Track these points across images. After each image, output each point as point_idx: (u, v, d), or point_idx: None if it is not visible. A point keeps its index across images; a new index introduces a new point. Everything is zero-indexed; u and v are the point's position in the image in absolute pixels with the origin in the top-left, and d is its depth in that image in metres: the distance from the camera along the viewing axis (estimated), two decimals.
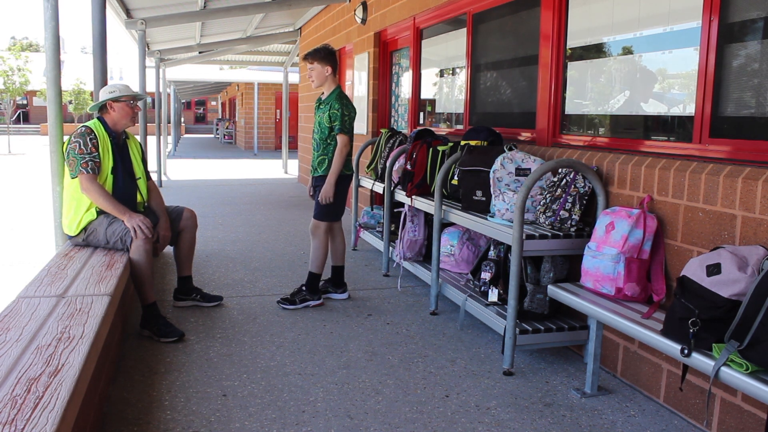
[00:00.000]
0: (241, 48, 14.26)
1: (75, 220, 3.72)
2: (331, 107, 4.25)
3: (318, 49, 4.33)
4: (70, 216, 3.74)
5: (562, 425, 2.78)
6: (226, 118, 35.50)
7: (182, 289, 4.31)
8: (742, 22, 2.76)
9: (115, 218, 3.68)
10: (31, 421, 1.70)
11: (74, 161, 3.56)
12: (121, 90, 3.78)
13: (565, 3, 3.94)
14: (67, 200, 3.75)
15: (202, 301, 4.32)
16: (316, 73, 4.31)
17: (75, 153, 3.55)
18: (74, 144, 3.57)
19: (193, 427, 2.67)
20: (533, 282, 3.49)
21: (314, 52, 4.32)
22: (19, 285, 4.04)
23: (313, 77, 4.34)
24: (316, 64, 4.29)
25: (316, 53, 4.31)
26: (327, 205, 4.33)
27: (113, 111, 3.75)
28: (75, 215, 3.71)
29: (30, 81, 27.55)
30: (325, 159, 4.35)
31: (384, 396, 3.02)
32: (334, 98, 4.28)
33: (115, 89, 3.77)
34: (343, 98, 4.30)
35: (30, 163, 19.09)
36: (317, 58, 4.29)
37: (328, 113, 4.26)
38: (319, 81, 4.35)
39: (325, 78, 4.33)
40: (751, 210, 2.52)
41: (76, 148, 3.56)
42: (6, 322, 2.48)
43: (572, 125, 3.98)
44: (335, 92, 4.32)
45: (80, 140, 3.57)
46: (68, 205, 3.73)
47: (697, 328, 2.22)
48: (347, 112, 4.25)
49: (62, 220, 3.84)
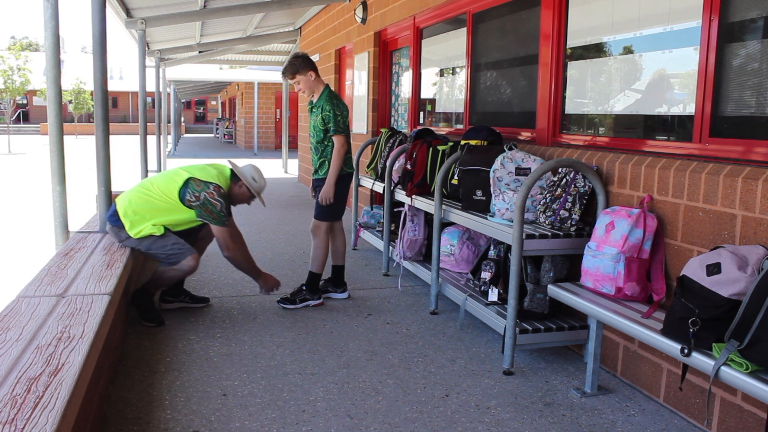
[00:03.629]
0: (241, 47, 14.26)
1: (140, 225, 3.85)
2: (323, 109, 4.26)
3: (292, 62, 4.31)
4: (137, 219, 3.85)
5: (562, 425, 2.78)
6: (226, 118, 35.49)
7: (171, 290, 4.27)
8: (742, 21, 2.76)
9: (175, 241, 3.88)
10: (31, 420, 1.70)
11: (217, 215, 3.87)
12: (258, 186, 4.12)
13: (565, 2, 3.93)
14: (144, 208, 3.86)
15: (190, 302, 4.32)
16: (303, 83, 4.31)
17: (217, 210, 3.86)
18: (216, 203, 3.86)
19: (194, 426, 2.67)
20: (533, 281, 3.49)
21: (291, 66, 4.30)
22: (19, 284, 4.04)
23: (302, 88, 4.33)
24: (299, 76, 4.28)
25: (294, 67, 4.28)
26: (327, 205, 4.33)
27: (239, 189, 4.08)
28: (142, 222, 3.85)
29: (30, 81, 27.56)
30: (325, 161, 4.36)
31: (384, 395, 3.02)
32: (324, 100, 4.29)
33: (257, 181, 4.12)
34: (333, 98, 4.30)
35: (30, 163, 19.09)
36: (298, 70, 4.27)
37: (320, 116, 4.27)
38: (308, 89, 4.35)
39: (312, 84, 4.33)
40: (751, 209, 2.52)
41: (218, 206, 3.86)
42: (6, 321, 2.48)
43: (572, 125, 3.97)
44: (325, 93, 4.33)
45: (222, 201, 3.88)
46: (143, 212, 3.85)
47: (697, 328, 2.22)
48: (339, 111, 4.26)
49: (127, 216, 3.87)
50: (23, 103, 43.90)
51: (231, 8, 8.92)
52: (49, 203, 4.38)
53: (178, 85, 25.80)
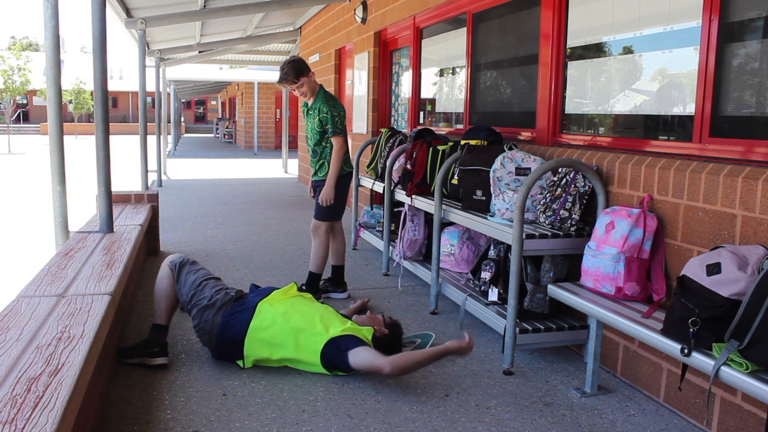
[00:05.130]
0: (241, 47, 14.25)
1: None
2: (320, 111, 4.25)
3: (293, 67, 4.21)
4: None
5: (562, 425, 2.78)
6: (226, 118, 35.49)
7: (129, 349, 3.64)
8: (742, 21, 2.76)
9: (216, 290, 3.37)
10: (31, 420, 1.69)
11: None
12: None
13: (565, 2, 3.93)
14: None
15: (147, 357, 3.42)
16: (307, 85, 4.25)
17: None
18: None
19: (194, 426, 2.67)
20: (533, 281, 3.49)
21: (293, 71, 4.19)
22: (19, 284, 4.04)
23: (305, 91, 4.27)
24: (303, 79, 4.22)
25: (295, 71, 4.19)
26: (328, 206, 4.34)
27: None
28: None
29: (30, 80, 27.57)
30: (324, 163, 4.36)
31: (384, 395, 3.01)
32: (321, 101, 4.28)
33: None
34: (329, 99, 4.30)
35: (30, 163, 19.09)
36: (301, 72, 4.21)
37: (318, 117, 4.26)
38: (311, 91, 4.30)
39: (314, 84, 4.31)
40: (751, 209, 2.52)
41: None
42: (6, 321, 2.48)
43: (572, 124, 3.97)
44: (320, 94, 4.32)
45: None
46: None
47: (697, 328, 2.22)
48: (336, 112, 4.26)
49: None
50: (23, 103, 43.91)
51: (231, 8, 8.92)
52: (49, 203, 4.38)
53: (178, 85, 25.80)
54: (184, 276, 3.38)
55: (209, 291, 3.33)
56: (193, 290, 3.34)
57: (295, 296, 3.40)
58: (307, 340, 3.14)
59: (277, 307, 3.24)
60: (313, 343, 3.13)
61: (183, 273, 3.39)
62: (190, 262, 3.46)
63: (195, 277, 3.39)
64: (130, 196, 5.93)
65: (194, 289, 3.34)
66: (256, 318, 3.20)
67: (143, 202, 5.90)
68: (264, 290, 3.46)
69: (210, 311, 3.26)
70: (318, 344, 3.12)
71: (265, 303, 3.26)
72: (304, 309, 3.26)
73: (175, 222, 7.59)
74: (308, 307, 3.29)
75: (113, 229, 4.50)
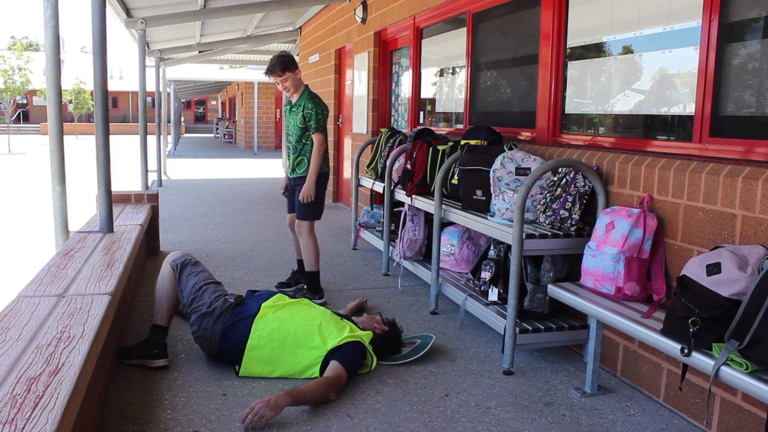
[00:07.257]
0: (241, 47, 14.25)
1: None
2: (305, 108, 4.28)
3: (281, 59, 4.26)
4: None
5: (562, 424, 2.78)
6: (226, 118, 35.49)
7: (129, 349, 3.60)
8: (742, 21, 2.76)
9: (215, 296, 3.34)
10: (31, 420, 1.69)
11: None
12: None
13: (565, 2, 3.93)
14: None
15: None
16: (291, 80, 4.29)
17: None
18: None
19: (194, 426, 2.67)
20: (533, 281, 3.49)
21: (280, 63, 4.23)
22: (19, 284, 4.04)
23: (288, 86, 4.30)
24: (288, 73, 4.26)
25: (282, 64, 4.23)
26: (310, 204, 4.34)
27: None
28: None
29: (30, 80, 27.57)
30: (303, 159, 4.38)
31: (384, 395, 3.01)
32: (306, 98, 4.31)
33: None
34: (314, 97, 4.34)
35: (30, 163, 19.09)
36: (287, 66, 4.24)
37: (302, 113, 4.29)
38: (295, 87, 4.34)
39: (297, 82, 4.34)
40: (751, 209, 2.52)
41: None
42: (6, 321, 2.48)
43: (572, 124, 3.97)
44: (305, 92, 4.35)
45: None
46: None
47: (697, 328, 2.22)
48: (320, 110, 4.28)
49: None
50: (23, 102, 43.92)
51: (231, 8, 8.92)
52: (49, 203, 4.38)
53: (178, 85, 25.80)
54: (185, 277, 3.37)
55: (208, 297, 3.31)
56: (193, 294, 3.33)
57: (291, 304, 3.35)
58: (306, 354, 3.15)
59: (272, 323, 3.20)
60: (313, 357, 3.14)
61: (185, 274, 3.38)
62: (192, 263, 3.45)
63: (196, 281, 3.37)
64: (130, 196, 5.93)
65: (194, 293, 3.33)
66: (253, 336, 3.17)
67: (143, 202, 5.90)
68: (261, 295, 3.44)
69: (209, 319, 3.24)
70: (318, 358, 3.13)
71: (261, 320, 3.21)
72: (300, 322, 3.22)
73: (175, 222, 7.59)
74: (305, 318, 3.25)
75: (113, 229, 4.50)
